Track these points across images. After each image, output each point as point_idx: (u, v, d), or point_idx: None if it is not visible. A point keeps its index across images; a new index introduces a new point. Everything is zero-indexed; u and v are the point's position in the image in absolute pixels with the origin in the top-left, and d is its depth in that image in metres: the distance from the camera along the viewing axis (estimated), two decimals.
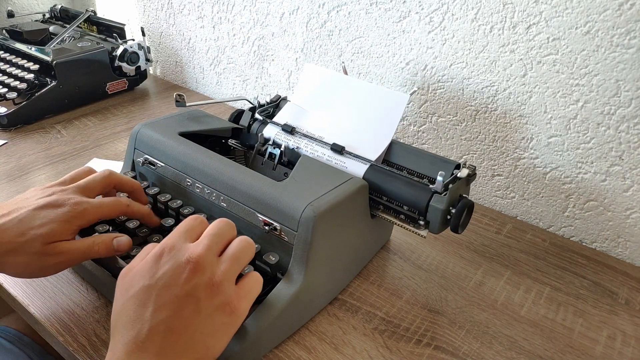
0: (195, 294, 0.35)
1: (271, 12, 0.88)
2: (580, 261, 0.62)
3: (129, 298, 0.35)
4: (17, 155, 0.77)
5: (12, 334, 0.63)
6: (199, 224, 0.40)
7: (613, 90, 0.58)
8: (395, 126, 0.56)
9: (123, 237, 0.47)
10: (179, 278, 0.35)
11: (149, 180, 0.58)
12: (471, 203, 0.51)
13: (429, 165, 0.54)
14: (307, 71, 0.64)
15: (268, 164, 0.60)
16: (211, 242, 0.38)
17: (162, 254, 0.37)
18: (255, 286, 0.40)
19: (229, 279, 0.37)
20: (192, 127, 0.59)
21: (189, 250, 0.37)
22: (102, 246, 0.46)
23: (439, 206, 0.48)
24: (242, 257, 0.39)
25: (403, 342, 0.49)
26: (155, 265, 0.36)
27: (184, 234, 0.39)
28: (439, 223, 0.49)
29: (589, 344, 0.50)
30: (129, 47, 0.98)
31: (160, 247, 0.37)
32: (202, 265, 0.36)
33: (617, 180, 0.61)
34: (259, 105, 0.65)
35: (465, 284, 0.57)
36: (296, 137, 0.59)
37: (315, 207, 0.45)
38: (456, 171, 0.51)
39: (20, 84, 0.87)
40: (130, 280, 0.36)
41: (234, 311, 0.36)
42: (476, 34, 0.65)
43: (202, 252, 0.36)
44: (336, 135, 0.58)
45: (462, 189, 0.51)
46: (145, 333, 0.33)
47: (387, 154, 0.56)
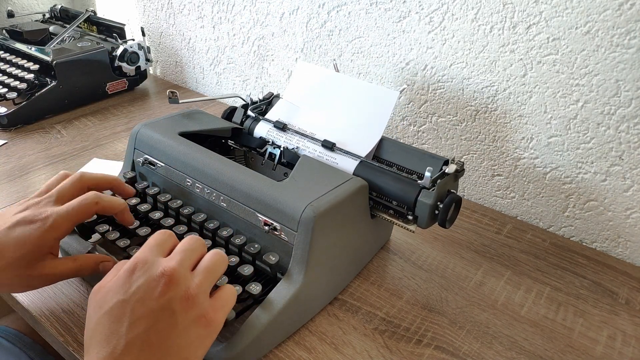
0: (171, 307, 0.35)
1: (271, 12, 0.88)
2: (581, 261, 0.62)
3: (102, 314, 0.35)
4: (17, 155, 0.77)
5: (12, 334, 0.63)
6: (168, 238, 0.40)
7: (613, 90, 0.58)
8: (385, 123, 0.57)
9: (109, 263, 0.47)
10: (153, 292, 0.35)
11: (149, 180, 0.58)
12: (458, 198, 0.51)
13: (418, 162, 0.55)
14: (299, 69, 0.64)
15: (268, 164, 0.60)
16: (184, 256, 0.38)
17: (134, 269, 0.36)
18: (230, 298, 0.39)
19: (203, 291, 0.37)
20: (192, 127, 0.59)
21: (163, 264, 0.36)
22: (88, 270, 0.47)
23: (427, 201, 0.49)
24: (215, 270, 0.39)
25: (403, 342, 0.49)
26: (128, 280, 0.36)
27: (155, 247, 0.38)
28: (427, 218, 0.50)
29: (589, 344, 0.50)
30: (129, 47, 0.98)
31: (133, 262, 0.37)
32: (177, 279, 0.36)
33: (617, 180, 0.61)
34: (252, 103, 0.65)
35: (466, 284, 0.57)
36: (288, 134, 0.59)
37: (315, 207, 0.45)
38: (444, 167, 0.52)
39: (20, 84, 0.87)
40: (104, 296, 0.36)
41: (210, 323, 0.36)
42: (476, 34, 0.65)
43: (176, 266, 0.36)
44: (327, 132, 0.59)
45: (450, 184, 0.52)
46: (121, 348, 0.33)
47: (377, 150, 0.57)
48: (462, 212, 0.71)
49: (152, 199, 0.56)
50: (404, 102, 0.76)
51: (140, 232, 0.51)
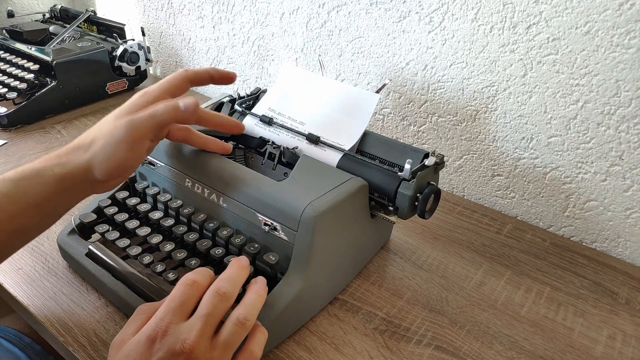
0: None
1: (271, 12, 0.88)
2: (581, 261, 0.62)
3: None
4: (17, 155, 0.77)
5: (12, 334, 0.63)
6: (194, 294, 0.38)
7: (613, 90, 0.58)
8: (367, 120, 0.58)
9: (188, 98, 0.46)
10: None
11: (149, 180, 0.58)
12: (437, 189, 0.52)
13: (400, 154, 0.56)
14: (284, 71, 0.65)
15: (268, 163, 0.60)
16: (205, 324, 0.36)
17: (155, 339, 0.35)
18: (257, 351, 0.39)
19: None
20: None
21: (182, 335, 0.35)
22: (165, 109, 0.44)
23: (407, 192, 0.50)
24: (235, 342, 0.38)
25: (404, 342, 0.49)
26: (148, 351, 0.35)
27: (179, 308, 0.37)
28: (407, 209, 0.51)
29: (589, 344, 0.50)
30: (129, 47, 0.98)
31: (154, 330, 0.36)
32: (196, 356, 0.35)
33: (617, 180, 0.61)
34: (239, 97, 0.66)
35: (466, 284, 0.57)
36: (273, 128, 0.60)
37: (315, 207, 0.45)
38: (425, 160, 0.53)
39: (20, 84, 0.87)
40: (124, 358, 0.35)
41: None
42: (476, 34, 0.65)
43: (195, 340, 0.35)
44: (312, 127, 0.60)
45: (429, 176, 0.53)
46: None
47: (360, 143, 0.59)
48: (462, 212, 0.71)
49: (152, 199, 0.56)
50: (404, 102, 0.76)
51: (140, 233, 0.51)
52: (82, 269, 0.52)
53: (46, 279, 0.53)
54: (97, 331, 0.47)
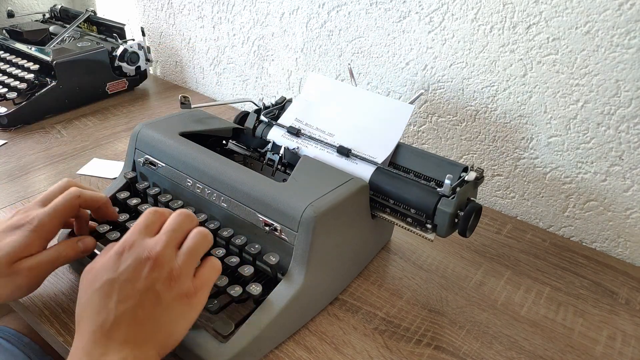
0: (155, 288, 0.38)
1: (271, 12, 0.88)
2: (581, 261, 0.62)
3: (93, 291, 0.38)
4: (17, 155, 0.77)
5: (11, 334, 0.63)
6: (158, 218, 0.42)
7: (613, 90, 0.58)
8: (401, 131, 0.55)
9: (87, 238, 0.49)
10: (140, 273, 0.38)
11: (150, 180, 0.58)
12: (479, 206, 0.50)
13: (436, 168, 0.53)
14: (311, 80, 0.63)
15: (267, 169, 0.60)
16: (169, 237, 0.40)
17: (123, 251, 0.39)
18: (212, 274, 0.42)
19: (186, 272, 0.39)
20: (193, 127, 0.59)
21: (149, 246, 0.39)
22: (68, 251, 0.47)
23: (447, 210, 0.48)
24: (198, 251, 0.41)
25: (403, 342, 0.49)
26: (117, 260, 0.39)
27: (144, 229, 0.41)
28: (447, 226, 0.49)
29: (589, 344, 0.50)
30: (129, 47, 0.98)
31: (121, 245, 0.40)
32: (161, 262, 0.38)
33: (617, 180, 0.61)
34: (264, 107, 0.64)
35: (466, 284, 0.57)
36: (302, 139, 0.59)
37: (315, 208, 0.45)
38: (463, 174, 0.50)
39: (20, 84, 0.87)
40: (95, 275, 0.39)
41: (191, 301, 0.39)
42: (476, 34, 0.65)
43: (161, 249, 0.39)
44: (342, 138, 0.57)
45: (469, 192, 0.51)
46: (111, 322, 0.36)
47: (393, 156, 0.56)
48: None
49: (152, 199, 0.56)
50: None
51: None
52: (82, 269, 0.52)
53: (46, 279, 0.53)
54: None
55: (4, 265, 0.43)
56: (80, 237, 0.49)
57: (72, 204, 0.47)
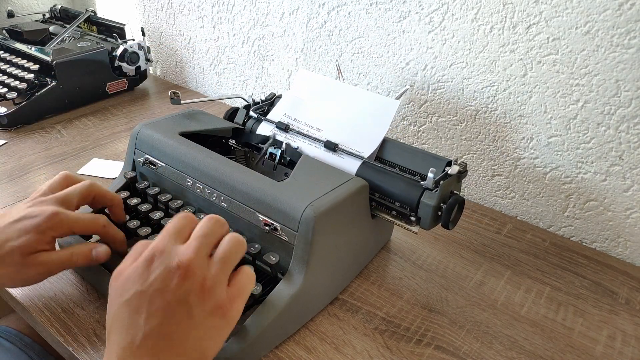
0: (187, 300, 0.35)
1: (271, 12, 0.88)
2: (581, 261, 0.62)
3: (122, 303, 0.35)
4: (17, 155, 0.77)
5: (12, 334, 0.63)
6: (188, 223, 0.40)
7: (613, 90, 0.58)
8: (387, 126, 0.57)
9: (101, 247, 0.48)
10: (170, 283, 0.35)
11: (150, 180, 0.58)
12: (462, 199, 0.51)
13: (421, 162, 0.54)
14: (299, 76, 0.64)
15: (268, 164, 0.60)
16: (201, 244, 0.37)
17: (152, 258, 0.36)
18: (248, 284, 0.39)
19: (220, 282, 0.37)
20: (193, 127, 0.59)
21: (179, 254, 0.36)
22: (80, 257, 0.47)
23: (430, 202, 0.49)
24: (232, 258, 0.39)
25: (403, 342, 0.49)
26: (146, 270, 0.36)
27: (174, 235, 0.38)
28: (430, 219, 0.50)
29: (589, 344, 0.50)
30: (129, 47, 0.98)
31: (151, 251, 0.37)
32: (193, 270, 0.36)
33: (617, 180, 0.61)
34: (254, 103, 0.65)
35: (466, 284, 0.57)
36: (290, 134, 0.60)
37: (315, 207, 0.45)
38: (447, 168, 0.51)
39: (20, 84, 0.87)
40: (123, 285, 0.36)
41: (226, 314, 0.37)
42: (476, 34, 0.65)
43: (192, 257, 0.36)
44: (329, 133, 0.59)
45: (453, 185, 0.52)
46: (140, 339, 0.34)
47: (380, 151, 0.57)
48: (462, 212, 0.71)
49: (152, 199, 0.56)
50: (404, 102, 0.76)
51: (141, 232, 0.51)
52: (82, 269, 0.52)
53: (46, 279, 0.53)
54: (97, 331, 0.47)
55: (18, 255, 0.43)
56: (95, 246, 0.48)
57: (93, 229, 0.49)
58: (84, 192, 0.49)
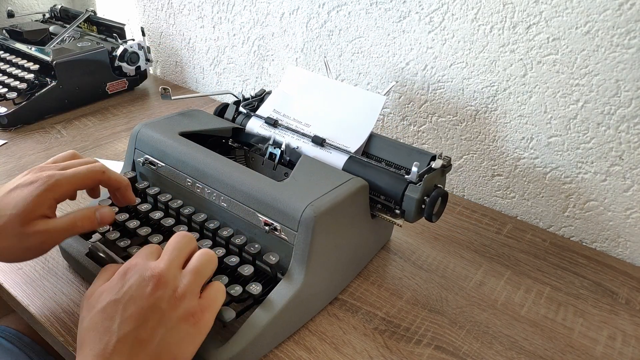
0: (160, 306, 0.36)
1: (271, 12, 0.88)
2: (581, 261, 0.62)
3: (95, 313, 0.36)
4: (17, 155, 0.77)
5: (12, 334, 0.63)
6: (156, 249, 0.42)
7: (613, 90, 0.58)
8: (373, 121, 0.58)
9: (105, 209, 0.47)
10: (144, 291, 0.36)
11: (150, 180, 0.58)
12: (445, 192, 0.52)
13: (406, 157, 0.56)
14: (289, 73, 0.65)
15: (268, 163, 0.60)
16: (172, 256, 0.39)
17: (126, 272, 0.38)
18: (219, 296, 0.40)
19: (191, 291, 0.38)
20: (193, 127, 0.59)
21: (152, 265, 0.38)
22: (85, 221, 0.45)
23: (414, 195, 0.50)
24: (204, 270, 0.40)
25: (403, 342, 0.49)
26: (120, 281, 0.38)
27: (146, 255, 0.40)
28: (414, 212, 0.51)
29: (589, 344, 0.50)
30: (129, 47, 0.98)
31: (125, 266, 0.39)
32: (165, 279, 0.37)
33: (617, 180, 0.61)
34: (244, 99, 0.66)
35: (466, 284, 0.57)
36: (279, 130, 0.60)
37: (315, 207, 0.45)
38: (432, 162, 0.52)
39: (20, 84, 0.87)
40: (97, 298, 0.38)
41: (197, 322, 0.38)
42: (476, 34, 0.65)
43: (164, 267, 0.38)
44: (317, 128, 0.60)
45: (437, 179, 0.53)
46: (113, 344, 0.34)
47: (367, 146, 0.58)
48: (462, 212, 0.71)
49: (152, 199, 0.56)
50: (404, 102, 0.76)
51: (141, 232, 0.51)
52: (83, 269, 0.52)
53: (46, 279, 0.53)
54: None
55: (17, 224, 0.42)
56: (98, 207, 0.47)
57: (93, 178, 0.46)
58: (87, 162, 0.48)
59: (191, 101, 1.00)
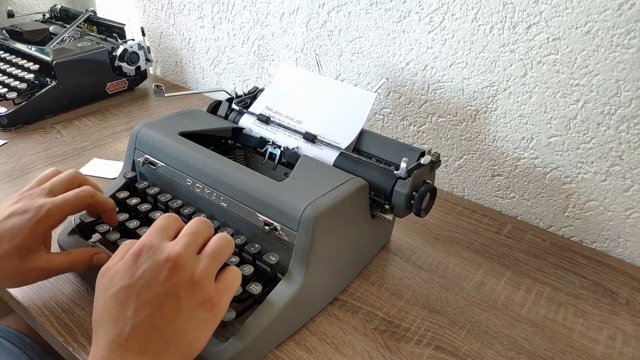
0: (176, 292, 0.35)
1: (271, 12, 0.88)
2: (581, 261, 0.62)
3: (109, 297, 0.36)
4: (17, 155, 0.77)
5: (12, 334, 0.63)
6: (173, 222, 0.40)
7: (613, 90, 0.58)
8: (364, 118, 0.59)
9: (102, 254, 0.48)
10: (158, 276, 0.35)
11: (149, 180, 0.58)
12: (433, 188, 0.53)
13: (396, 153, 0.56)
14: (281, 69, 0.66)
15: (268, 164, 0.60)
16: (189, 240, 0.38)
17: (140, 253, 0.37)
18: (235, 281, 0.40)
19: (208, 276, 0.37)
20: (193, 127, 0.59)
21: (168, 248, 0.37)
22: (82, 263, 0.47)
23: (402, 190, 0.51)
24: (221, 254, 0.39)
25: (403, 343, 0.49)
26: (134, 264, 0.36)
27: (161, 232, 0.39)
28: (403, 207, 0.51)
29: (590, 344, 0.50)
30: (129, 47, 0.98)
31: (138, 246, 0.37)
32: (182, 263, 0.36)
33: (617, 180, 0.61)
34: (237, 96, 0.67)
35: (466, 284, 0.57)
36: (270, 126, 0.61)
37: (315, 207, 0.45)
38: (421, 158, 0.53)
39: (20, 84, 0.87)
40: (110, 279, 0.37)
41: (214, 307, 0.37)
42: (476, 34, 0.65)
43: (181, 250, 0.37)
44: (309, 125, 0.60)
45: (425, 174, 0.54)
46: (128, 331, 0.34)
47: (357, 142, 0.59)
48: (462, 212, 0.71)
49: (152, 199, 0.56)
50: (404, 102, 0.76)
51: (141, 232, 0.51)
52: None
53: (46, 279, 0.53)
54: None
55: (16, 258, 0.43)
56: (97, 252, 0.48)
57: (84, 202, 0.47)
58: (70, 180, 0.49)
59: (186, 99, 1.01)
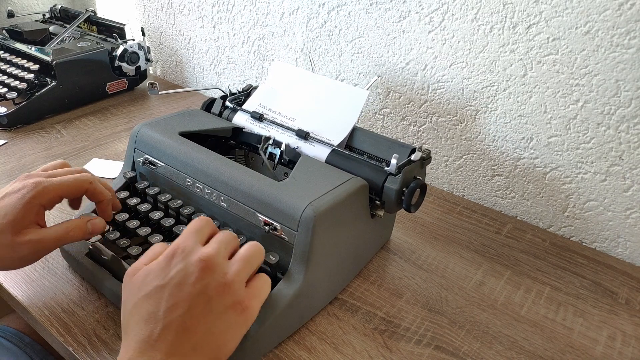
0: (207, 293, 0.35)
1: (271, 12, 0.88)
2: (580, 261, 0.62)
3: (141, 297, 0.36)
4: (17, 155, 0.77)
5: (12, 333, 0.63)
6: (206, 225, 0.41)
7: (613, 90, 0.58)
8: (356, 115, 0.59)
9: (96, 219, 0.48)
10: (190, 277, 0.36)
11: (149, 180, 0.58)
12: (423, 184, 0.53)
13: (388, 150, 0.57)
14: (275, 67, 0.66)
15: (268, 164, 0.60)
16: (221, 245, 0.38)
17: (174, 255, 0.37)
18: (265, 287, 0.40)
19: (240, 279, 0.37)
20: (193, 127, 0.59)
21: (200, 250, 0.37)
22: (77, 231, 0.46)
23: (393, 186, 0.51)
24: (252, 260, 0.39)
25: (403, 342, 0.49)
26: (167, 265, 0.37)
27: (195, 235, 0.39)
28: (393, 203, 0.52)
29: (589, 344, 0.50)
30: (129, 47, 0.98)
31: (173, 248, 0.38)
32: (213, 265, 0.36)
33: (617, 180, 0.61)
34: (230, 94, 0.67)
35: (466, 284, 0.57)
36: (264, 124, 0.61)
37: (315, 207, 0.45)
38: (412, 155, 0.53)
39: (20, 84, 0.87)
40: (142, 279, 0.37)
41: (245, 310, 0.37)
42: (476, 34, 0.65)
43: (213, 253, 0.37)
44: (302, 122, 0.61)
45: (416, 171, 0.54)
46: (159, 332, 0.34)
47: (349, 139, 0.60)
48: (462, 212, 0.71)
49: (152, 199, 0.56)
50: (404, 102, 0.76)
51: (141, 232, 0.51)
52: (82, 269, 0.52)
53: (46, 279, 0.53)
54: (97, 331, 0.47)
55: (9, 233, 0.42)
56: (90, 218, 0.47)
57: (80, 187, 0.47)
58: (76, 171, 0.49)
59: (186, 99, 1.01)
